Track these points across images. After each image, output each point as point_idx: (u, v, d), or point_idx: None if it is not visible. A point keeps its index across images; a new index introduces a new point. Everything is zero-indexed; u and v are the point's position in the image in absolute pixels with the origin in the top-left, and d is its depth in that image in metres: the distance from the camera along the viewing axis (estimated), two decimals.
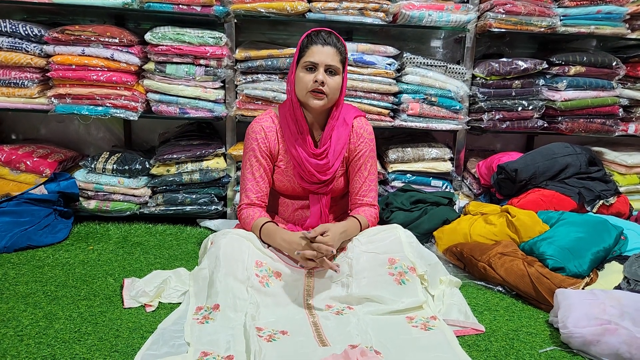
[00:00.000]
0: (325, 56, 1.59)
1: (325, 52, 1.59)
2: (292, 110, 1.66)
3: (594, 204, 2.24)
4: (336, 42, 1.61)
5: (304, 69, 1.61)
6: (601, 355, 1.32)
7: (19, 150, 2.30)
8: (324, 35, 1.61)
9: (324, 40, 1.59)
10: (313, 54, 1.59)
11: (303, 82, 1.60)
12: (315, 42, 1.59)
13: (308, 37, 1.62)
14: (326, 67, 1.59)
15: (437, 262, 1.67)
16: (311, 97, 1.60)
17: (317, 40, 1.59)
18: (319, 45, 1.59)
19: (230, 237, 1.55)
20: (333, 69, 1.60)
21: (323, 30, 1.63)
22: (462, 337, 1.43)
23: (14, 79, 2.21)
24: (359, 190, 1.73)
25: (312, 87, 1.59)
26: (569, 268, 1.67)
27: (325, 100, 1.61)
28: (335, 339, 1.34)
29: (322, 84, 1.58)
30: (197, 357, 1.24)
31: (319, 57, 1.58)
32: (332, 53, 1.59)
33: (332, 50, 1.60)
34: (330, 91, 1.61)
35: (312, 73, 1.60)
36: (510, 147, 2.91)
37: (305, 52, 1.60)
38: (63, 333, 1.36)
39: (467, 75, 2.48)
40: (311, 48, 1.59)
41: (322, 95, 1.60)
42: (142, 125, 2.70)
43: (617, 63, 2.49)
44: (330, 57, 1.59)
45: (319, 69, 1.59)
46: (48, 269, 1.80)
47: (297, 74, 1.62)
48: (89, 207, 2.31)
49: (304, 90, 1.60)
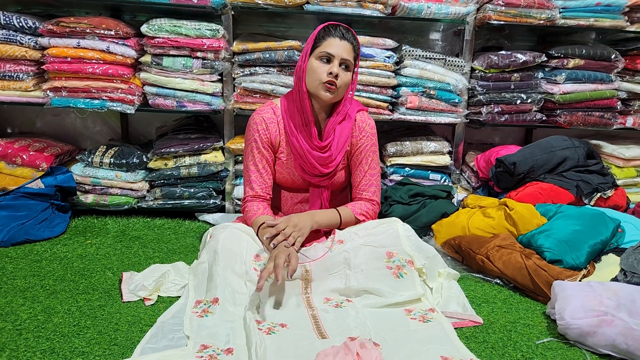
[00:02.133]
0: (342, 50, 1.58)
1: (342, 46, 1.58)
2: (299, 101, 1.64)
3: (591, 197, 2.25)
4: (352, 39, 1.62)
5: (318, 59, 1.59)
6: (598, 346, 1.33)
7: (14, 144, 2.29)
8: (342, 29, 1.60)
9: (342, 34, 1.59)
10: (330, 46, 1.58)
11: (316, 73, 1.59)
12: (333, 34, 1.59)
13: (326, 29, 1.60)
14: (341, 60, 1.59)
15: (436, 255, 1.67)
16: (322, 89, 1.59)
17: (335, 32, 1.59)
18: (337, 38, 1.58)
19: (229, 231, 1.55)
20: (347, 64, 1.61)
21: (340, 24, 1.62)
22: (460, 329, 1.43)
23: (9, 72, 2.19)
24: (359, 185, 1.73)
25: (326, 78, 1.58)
26: (567, 260, 1.68)
27: (335, 94, 1.61)
28: (334, 331, 1.35)
29: (335, 77, 1.58)
30: (196, 350, 1.24)
31: (336, 50, 1.58)
32: (348, 48, 1.59)
33: (349, 45, 1.60)
34: (341, 86, 1.61)
35: (326, 64, 1.59)
36: (508, 141, 2.91)
37: (321, 42, 1.59)
38: (62, 327, 1.36)
39: (466, 68, 2.47)
40: (328, 40, 1.59)
41: (333, 88, 1.59)
42: (139, 119, 2.69)
43: (616, 56, 2.48)
44: (346, 52, 1.59)
45: (334, 62, 1.58)
46: (46, 263, 1.79)
47: (310, 64, 1.60)
48: (87, 201, 2.30)
49: (316, 80, 1.59)
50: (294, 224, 1.52)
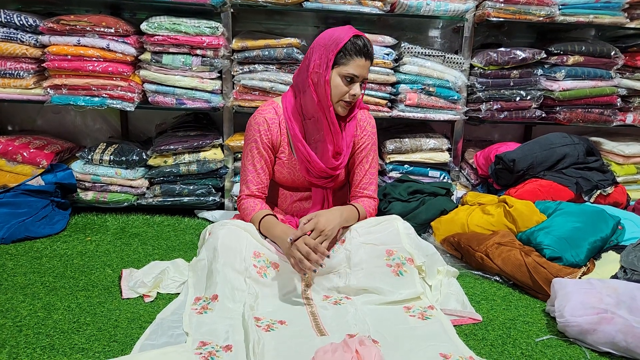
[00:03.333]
0: (365, 70, 1.56)
1: (366, 66, 1.56)
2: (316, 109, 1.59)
3: (591, 194, 2.24)
4: (372, 54, 1.59)
5: (342, 78, 1.55)
6: (597, 343, 1.33)
7: (15, 141, 2.29)
8: (367, 45, 1.55)
9: (367, 53, 1.54)
10: (356, 67, 1.53)
11: (338, 91, 1.56)
12: (359, 54, 1.53)
13: (354, 45, 1.52)
14: (363, 79, 1.58)
15: (435, 253, 1.67)
16: (340, 106, 1.59)
17: (362, 50, 1.53)
18: (363, 58, 1.54)
19: (228, 228, 1.54)
20: (365, 82, 1.61)
21: (366, 39, 1.55)
22: (460, 326, 1.43)
23: (9, 70, 2.19)
24: (360, 183, 1.72)
25: (348, 99, 1.58)
26: (566, 258, 1.68)
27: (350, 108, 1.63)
28: (333, 328, 1.35)
29: (355, 98, 1.58)
30: (195, 347, 1.24)
31: (361, 72, 1.55)
32: (369, 66, 1.58)
33: (369, 63, 1.57)
34: (356, 101, 1.62)
35: (349, 84, 1.56)
36: (508, 138, 2.91)
37: (347, 60, 1.53)
38: (62, 323, 1.36)
39: (465, 65, 2.47)
40: (356, 60, 1.53)
41: (350, 105, 1.61)
42: (139, 116, 2.69)
43: (615, 53, 2.48)
44: (367, 71, 1.58)
45: (357, 82, 1.56)
46: (46, 260, 1.80)
47: (333, 79, 1.56)
48: (87, 199, 2.30)
49: (336, 97, 1.57)
50: (322, 227, 1.47)
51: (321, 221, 1.48)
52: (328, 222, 1.49)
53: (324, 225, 1.47)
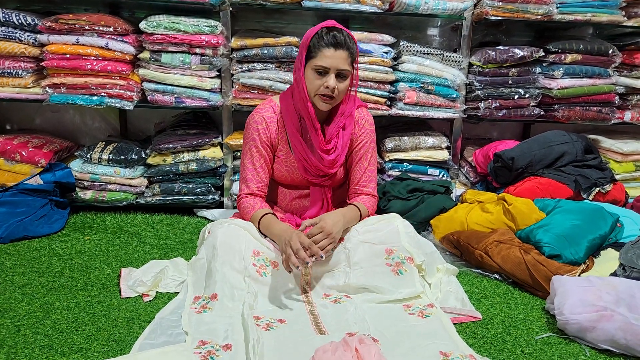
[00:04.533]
0: (338, 61, 1.50)
1: (337, 57, 1.49)
2: (300, 106, 1.60)
3: (590, 192, 2.25)
4: (348, 44, 1.51)
5: (313, 72, 1.52)
6: (597, 341, 1.33)
7: (13, 140, 2.28)
8: (336, 36, 1.49)
9: (337, 42, 1.49)
10: (324, 58, 1.49)
11: (312, 85, 1.54)
12: (327, 45, 1.49)
13: (319, 36, 1.50)
14: (337, 71, 1.52)
15: (434, 251, 1.67)
16: (319, 100, 1.56)
17: (329, 41, 1.49)
18: (331, 48, 1.49)
19: (227, 227, 1.54)
20: (344, 73, 1.54)
21: (335, 28, 1.51)
22: (459, 324, 1.44)
23: (8, 69, 2.19)
24: (359, 181, 1.72)
25: (323, 91, 1.53)
26: (565, 255, 1.68)
27: (332, 104, 1.58)
28: (332, 327, 1.35)
29: (332, 90, 1.53)
30: (195, 346, 1.24)
31: (331, 62, 1.49)
32: (344, 57, 1.51)
33: (345, 53, 1.51)
34: (339, 94, 1.56)
35: (322, 77, 1.52)
36: (506, 136, 2.91)
37: (316, 53, 1.51)
38: (60, 323, 1.36)
39: (464, 63, 2.47)
40: (323, 51, 1.49)
41: (330, 99, 1.56)
42: (138, 115, 2.68)
43: (613, 51, 2.48)
44: (342, 62, 1.50)
45: (330, 74, 1.52)
46: (45, 259, 1.79)
47: (306, 74, 1.55)
48: (85, 198, 2.30)
49: (312, 92, 1.55)
50: (329, 231, 1.47)
51: (328, 224, 1.47)
52: (335, 225, 1.49)
53: (331, 228, 1.47)
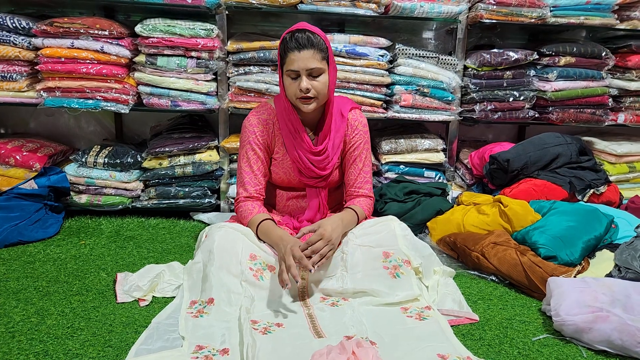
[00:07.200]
0: (305, 61, 1.51)
1: (303, 58, 1.51)
2: (286, 111, 1.64)
3: (584, 193, 2.26)
4: (313, 41, 1.52)
5: (288, 77, 1.56)
6: (593, 342, 1.34)
7: (8, 144, 2.27)
8: (298, 37, 1.51)
9: (300, 44, 1.50)
10: (292, 62, 1.52)
11: (290, 90, 1.57)
12: (291, 49, 1.51)
13: (285, 43, 1.54)
14: (308, 71, 1.53)
15: (431, 254, 1.68)
16: (300, 103, 1.58)
17: (292, 45, 1.51)
18: (296, 51, 1.51)
19: (224, 231, 1.54)
20: (315, 71, 1.54)
21: (297, 30, 1.53)
22: (457, 327, 1.44)
23: (2, 73, 2.18)
24: (355, 182, 1.72)
25: (299, 95, 1.55)
26: (561, 256, 1.69)
27: (315, 103, 1.58)
28: (330, 330, 1.35)
29: (307, 91, 1.54)
30: (192, 351, 1.24)
31: (298, 64, 1.51)
32: (310, 56, 1.51)
33: (310, 52, 1.51)
34: (319, 92, 1.57)
35: (296, 81, 1.55)
36: (502, 138, 2.93)
37: (285, 59, 1.54)
38: (55, 329, 1.35)
39: (459, 66, 2.48)
40: (289, 55, 1.52)
41: (310, 99, 1.57)
42: (134, 119, 2.68)
43: (606, 53, 2.50)
44: (309, 61, 1.51)
45: (302, 76, 1.53)
46: (39, 264, 1.78)
47: (284, 81, 1.59)
48: (81, 202, 2.29)
49: (292, 96, 1.58)
50: (329, 237, 1.48)
51: (328, 230, 1.48)
52: (334, 230, 1.50)
53: (331, 234, 1.48)
